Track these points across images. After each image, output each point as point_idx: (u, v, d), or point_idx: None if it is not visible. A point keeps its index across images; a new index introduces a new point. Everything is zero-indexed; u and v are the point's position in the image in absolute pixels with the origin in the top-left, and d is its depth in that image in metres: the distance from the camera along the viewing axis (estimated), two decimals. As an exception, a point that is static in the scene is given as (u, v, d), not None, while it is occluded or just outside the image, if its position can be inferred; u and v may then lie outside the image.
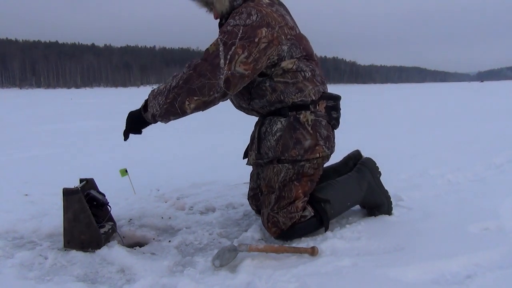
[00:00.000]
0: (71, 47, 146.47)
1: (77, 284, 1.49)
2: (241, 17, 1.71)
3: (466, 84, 69.84)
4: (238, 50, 1.67)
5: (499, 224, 1.88)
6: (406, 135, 5.28)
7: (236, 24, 1.70)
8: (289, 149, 1.81)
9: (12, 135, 6.15)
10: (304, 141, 1.82)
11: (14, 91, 63.94)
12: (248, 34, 1.68)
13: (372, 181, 2.03)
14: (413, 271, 1.47)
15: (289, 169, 1.84)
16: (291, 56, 1.80)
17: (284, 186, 1.85)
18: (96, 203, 1.89)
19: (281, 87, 1.82)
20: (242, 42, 1.67)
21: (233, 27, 1.70)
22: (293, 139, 1.81)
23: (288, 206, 1.83)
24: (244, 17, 1.71)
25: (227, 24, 1.73)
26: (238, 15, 1.72)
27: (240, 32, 1.69)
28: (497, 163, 3.25)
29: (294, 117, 1.83)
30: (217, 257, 1.58)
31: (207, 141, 5.08)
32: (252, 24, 1.70)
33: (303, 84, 1.83)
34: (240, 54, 1.67)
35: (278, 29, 1.74)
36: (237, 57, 1.67)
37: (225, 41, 1.68)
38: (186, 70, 1.70)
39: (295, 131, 1.82)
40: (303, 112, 1.84)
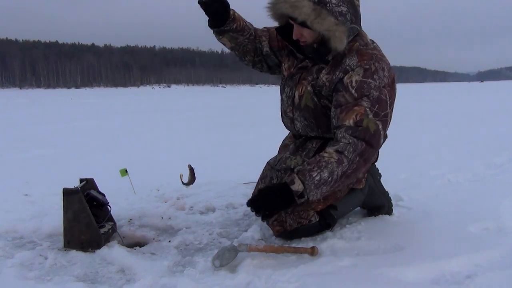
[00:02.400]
0: (71, 47, 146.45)
1: (77, 284, 1.49)
2: (380, 76, 1.61)
3: (466, 84, 69.82)
4: (389, 121, 1.66)
5: (499, 224, 1.88)
6: (406, 135, 5.28)
7: (380, 87, 1.60)
8: None
9: (12, 135, 6.15)
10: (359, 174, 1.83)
11: (14, 91, 63.95)
12: (392, 98, 1.64)
13: (373, 183, 2.03)
14: (413, 271, 1.47)
15: None
16: None
17: None
18: (96, 203, 1.89)
19: None
20: (391, 112, 1.65)
21: (379, 91, 1.60)
22: None
23: (301, 212, 1.82)
24: (382, 76, 1.62)
25: (367, 86, 1.59)
26: (375, 73, 1.61)
27: (387, 97, 1.62)
28: (497, 163, 3.25)
29: None
30: (217, 257, 1.58)
31: (207, 141, 5.08)
32: (389, 82, 1.63)
33: None
34: (390, 121, 1.66)
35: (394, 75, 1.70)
36: (387, 128, 1.66)
37: (377, 112, 1.58)
38: (352, 157, 1.55)
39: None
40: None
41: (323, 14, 1.55)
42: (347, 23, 1.60)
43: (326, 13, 1.55)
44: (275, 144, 2.21)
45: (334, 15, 1.56)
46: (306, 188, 1.55)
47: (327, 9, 1.56)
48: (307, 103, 1.77)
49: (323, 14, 1.55)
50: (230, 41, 1.91)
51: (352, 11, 1.61)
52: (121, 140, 5.47)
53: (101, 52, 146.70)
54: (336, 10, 1.57)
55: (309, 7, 1.54)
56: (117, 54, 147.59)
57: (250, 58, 2.00)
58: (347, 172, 1.56)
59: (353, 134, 1.57)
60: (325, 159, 1.56)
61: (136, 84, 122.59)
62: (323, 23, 1.55)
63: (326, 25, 1.56)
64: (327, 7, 1.56)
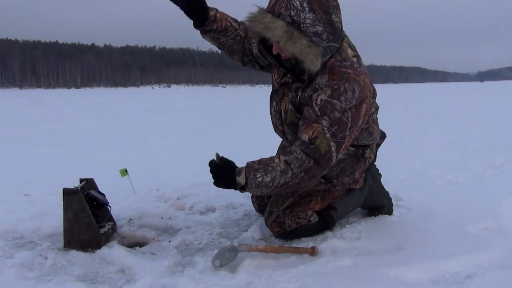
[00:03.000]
0: (71, 47, 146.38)
1: (77, 284, 1.49)
2: (347, 98, 1.56)
3: (466, 84, 69.83)
4: (348, 142, 1.62)
5: (499, 224, 1.88)
6: (406, 135, 5.28)
7: (344, 109, 1.56)
8: (344, 175, 1.85)
9: (12, 135, 6.15)
10: (356, 173, 1.88)
11: (14, 91, 63.96)
12: (355, 120, 1.59)
13: (373, 184, 2.04)
14: (413, 271, 1.47)
15: (322, 183, 1.87)
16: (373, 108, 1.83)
17: (307, 195, 1.86)
18: (96, 203, 1.89)
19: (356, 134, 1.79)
20: (350, 134, 1.60)
21: (342, 113, 1.56)
22: (352, 168, 1.86)
23: (299, 212, 1.83)
24: (349, 97, 1.56)
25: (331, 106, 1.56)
26: (343, 95, 1.56)
27: (349, 120, 1.57)
28: (497, 163, 3.25)
29: (362, 151, 1.88)
30: (217, 257, 1.58)
31: (207, 141, 5.08)
32: (356, 103, 1.58)
33: (372, 128, 1.87)
34: (347, 143, 1.63)
35: (369, 95, 1.65)
36: (344, 147, 1.63)
37: (334, 133, 1.56)
38: (297, 171, 1.57)
39: (358, 162, 1.87)
40: (368, 149, 1.90)
41: (294, 37, 1.51)
42: (322, 43, 1.55)
43: (299, 35, 1.51)
44: (274, 144, 2.22)
45: (308, 36, 1.52)
46: (247, 184, 1.61)
47: (301, 30, 1.51)
48: (292, 120, 1.77)
49: (294, 37, 1.51)
50: (213, 40, 1.93)
51: (330, 29, 1.55)
52: (121, 140, 5.46)
53: (101, 52, 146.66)
54: (310, 31, 1.52)
55: (282, 29, 1.50)
56: (117, 54, 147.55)
57: (239, 57, 2.02)
58: (288, 183, 1.59)
59: (305, 150, 1.57)
60: (273, 165, 1.59)
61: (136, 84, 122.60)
62: (294, 46, 1.52)
63: (298, 48, 1.52)
64: (301, 27, 1.51)
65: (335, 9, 1.57)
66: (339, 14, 1.60)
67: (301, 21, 1.50)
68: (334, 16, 1.56)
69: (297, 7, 1.49)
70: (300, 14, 1.49)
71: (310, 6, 1.50)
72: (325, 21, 1.53)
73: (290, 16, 1.49)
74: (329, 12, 1.54)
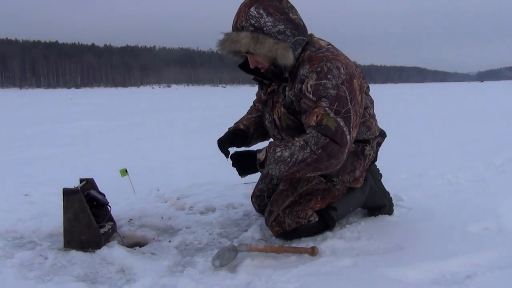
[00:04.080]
0: (71, 47, 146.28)
1: (77, 284, 1.49)
2: (334, 75, 1.61)
3: (466, 84, 69.84)
4: (354, 117, 1.63)
5: (499, 224, 1.88)
6: (406, 135, 5.28)
7: (336, 85, 1.60)
8: (344, 173, 1.85)
9: (12, 135, 6.15)
10: (357, 171, 1.88)
11: (14, 91, 63.97)
12: (352, 94, 1.62)
13: (374, 184, 2.04)
14: (413, 271, 1.47)
15: (322, 182, 1.86)
16: (366, 92, 1.82)
17: (306, 194, 1.85)
18: (96, 203, 1.89)
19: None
20: (353, 108, 1.62)
21: (336, 89, 1.60)
22: (352, 165, 1.86)
23: (299, 212, 1.83)
24: (336, 74, 1.61)
25: (323, 87, 1.61)
26: (329, 73, 1.61)
27: (346, 93, 1.61)
28: (497, 163, 3.25)
29: (362, 147, 1.88)
30: (217, 257, 1.58)
31: (207, 141, 5.07)
32: (347, 79, 1.62)
33: (370, 122, 1.87)
34: (355, 120, 1.64)
35: (357, 74, 1.69)
36: (354, 124, 1.64)
37: (337, 109, 1.59)
38: (315, 148, 1.57)
39: (358, 160, 1.87)
40: (368, 145, 1.89)
41: (260, 39, 1.63)
42: (289, 39, 1.66)
43: (264, 37, 1.63)
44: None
45: (273, 36, 1.64)
46: (266, 159, 1.63)
47: (265, 33, 1.63)
48: (287, 123, 1.81)
49: (261, 40, 1.63)
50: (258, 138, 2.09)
51: (291, 26, 1.67)
52: (121, 140, 5.47)
53: (101, 52, 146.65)
54: (274, 31, 1.64)
55: (248, 37, 1.63)
56: (117, 54, 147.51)
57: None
58: (307, 160, 1.58)
59: (317, 130, 1.60)
60: (292, 141, 1.62)
61: (136, 84, 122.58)
62: (263, 47, 1.63)
63: (266, 47, 1.63)
64: (264, 31, 1.63)
65: (291, 8, 1.70)
66: (296, 12, 1.72)
67: (262, 26, 1.64)
68: (291, 14, 1.69)
69: (255, 16, 1.63)
70: (260, 20, 1.63)
71: (267, 11, 1.64)
72: (284, 20, 1.66)
73: (251, 25, 1.64)
74: (285, 12, 1.67)
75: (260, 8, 1.63)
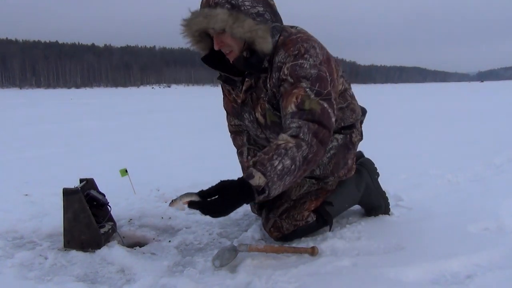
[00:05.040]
0: (71, 47, 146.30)
1: (77, 284, 1.48)
2: (311, 54, 1.51)
3: (466, 84, 69.85)
4: (334, 101, 1.53)
5: (499, 224, 1.88)
6: (406, 135, 5.28)
7: (315, 65, 1.50)
8: (339, 169, 1.81)
9: (12, 135, 6.15)
10: (349, 161, 1.84)
11: (14, 91, 63.95)
12: (332, 75, 1.54)
13: (370, 182, 2.03)
14: (413, 271, 1.47)
15: (313, 184, 1.84)
16: (341, 76, 1.71)
17: (300, 198, 1.84)
18: (96, 203, 1.89)
19: (339, 114, 1.74)
20: (332, 89, 1.52)
21: (317, 69, 1.49)
22: (344, 159, 1.82)
23: (295, 215, 1.82)
24: (313, 53, 1.51)
25: (300, 68, 1.49)
26: (306, 53, 1.51)
27: (327, 74, 1.51)
28: (497, 163, 3.25)
29: (349, 136, 1.81)
30: (217, 257, 1.58)
31: (207, 141, 5.08)
32: (324, 58, 1.53)
33: (353, 104, 1.81)
34: (334, 102, 1.53)
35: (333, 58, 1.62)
36: (335, 104, 1.54)
37: (319, 91, 1.47)
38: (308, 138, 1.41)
39: (348, 152, 1.82)
40: (355, 131, 1.84)
41: (240, 17, 1.46)
42: (268, 23, 1.53)
43: (244, 16, 1.47)
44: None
45: (252, 16, 1.49)
46: (268, 181, 1.35)
47: (243, 12, 1.47)
48: (272, 119, 1.66)
49: (241, 17, 1.46)
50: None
51: (270, 10, 1.55)
52: (121, 140, 5.46)
53: (101, 52, 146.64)
54: (252, 12, 1.49)
55: (225, 13, 1.45)
56: (117, 54, 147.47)
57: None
58: (308, 157, 1.40)
59: (301, 117, 1.43)
60: (283, 145, 1.39)
61: (136, 84, 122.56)
62: (243, 25, 1.46)
63: (247, 27, 1.46)
64: (242, 10, 1.47)
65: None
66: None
67: (240, 4, 1.47)
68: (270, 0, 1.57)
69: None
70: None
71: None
72: (264, 3, 1.53)
73: (228, 2, 1.46)
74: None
75: None
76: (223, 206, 1.35)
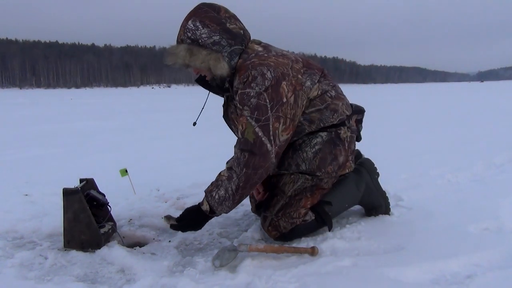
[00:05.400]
0: (71, 47, 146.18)
1: (77, 284, 1.49)
2: (257, 83, 1.63)
3: (466, 84, 69.88)
4: (276, 124, 1.63)
5: (499, 224, 1.88)
6: (406, 135, 5.28)
7: (258, 93, 1.62)
8: (326, 164, 1.81)
9: (12, 135, 6.15)
10: (339, 157, 1.84)
11: (14, 91, 63.97)
12: (276, 99, 1.63)
13: (370, 182, 2.03)
14: (413, 271, 1.47)
15: (308, 180, 1.84)
16: (314, 83, 1.78)
17: (295, 195, 1.84)
18: (96, 203, 1.89)
19: (317, 115, 1.79)
20: (274, 114, 1.63)
21: (257, 98, 1.62)
22: (332, 154, 1.82)
23: (292, 212, 1.83)
24: (260, 81, 1.63)
25: (247, 96, 1.64)
26: (254, 81, 1.63)
27: (267, 101, 1.62)
28: (497, 163, 3.25)
29: (335, 133, 1.83)
30: (217, 257, 1.58)
31: (207, 141, 5.08)
32: (272, 84, 1.63)
33: (334, 104, 1.83)
34: (279, 126, 1.64)
35: (292, 73, 1.69)
36: (277, 131, 1.64)
37: (257, 118, 1.62)
38: (239, 170, 1.64)
39: (335, 147, 1.83)
40: (343, 128, 1.85)
41: (195, 51, 1.68)
42: (225, 48, 1.70)
43: (198, 49, 1.68)
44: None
45: (207, 47, 1.69)
46: (211, 207, 1.72)
47: (200, 44, 1.69)
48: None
49: (195, 51, 1.68)
50: None
51: (228, 36, 1.70)
52: (121, 140, 5.47)
53: (101, 52, 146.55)
54: (208, 42, 1.68)
55: (184, 50, 1.69)
56: (117, 54, 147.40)
57: None
58: (240, 185, 1.65)
59: (239, 146, 1.66)
60: (220, 177, 1.71)
61: (136, 84, 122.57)
62: (197, 58, 1.69)
63: (200, 59, 1.69)
64: (199, 43, 1.69)
65: (229, 19, 1.73)
66: (235, 22, 1.75)
67: (198, 38, 1.69)
68: (229, 25, 1.72)
69: (191, 29, 1.69)
70: (196, 32, 1.68)
71: (203, 23, 1.68)
72: (220, 30, 1.69)
73: (188, 37, 1.70)
74: (222, 22, 1.70)
75: (197, 21, 1.69)
76: (192, 225, 1.79)
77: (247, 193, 1.71)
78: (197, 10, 1.72)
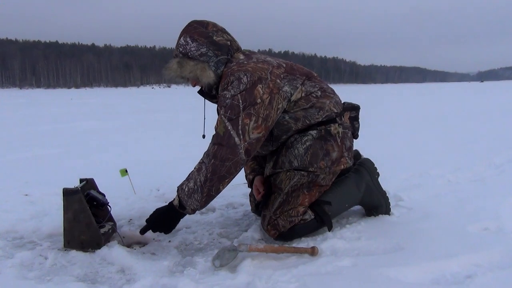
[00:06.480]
0: (71, 47, 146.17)
1: (77, 284, 1.49)
2: (233, 86, 1.75)
3: (466, 84, 69.89)
4: (246, 120, 1.71)
5: (499, 224, 1.88)
6: (406, 135, 5.28)
7: (233, 95, 1.73)
8: (318, 159, 1.83)
9: (12, 135, 6.15)
10: (332, 153, 1.86)
11: (14, 91, 63.96)
12: (249, 100, 1.72)
13: (370, 182, 2.03)
14: (413, 271, 1.47)
15: (303, 176, 1.85)
16: (295, 87, 1.83)
17: (293, 191, 1.85)
18: (96, 203, 1.89)
19: (301, 113, 1.84)
20: (246, 111, 1.71)
21: (231, 99, 1.73)
22: (323, 150, 1.84)
23: (290, 210, 1.83)
24: (236, 85, 1.74)
25: (223, 98, 1.76)
26: (230, 85, 1.76)
27: (240, 102, 1.72)
28: (497, 163, 3.25)
29: (325, 130, 1.87)
30: (217, 257, 1.58)
31: (207, 141, 5.08)
32: (246, 87, 1.73)
33: (320, 103, 1.87)
34: (249, 123, 1.71)
35: (270, 77, 1.77)
36: (247, 127, 1.71)
37: (230, 117, 1.72)
38: (207, 161, 1.73)
39: (326, 142, 1.85)
40: (333, 125, 1.88)
41: (184, 63, 1.85)
42: (212, 59, 1.84)
43: (187, 61, 1.85)
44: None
45: (195, 59, 1.84)
46: (181, 201, 1.78)
47: (189, 57, 1.85)
48: None
49: (184, 63, 1.85)
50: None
51: (214, 47, 1.85)
52: (121, 140, 5.47)
53: (101, 52, 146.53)
54: (196, 54, 1.84)
55: (176, 63, 1.86)
56: (117, 54, 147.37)
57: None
58: (207, 176, 1.72)
59: (212, 141, 1.77)
60: (192, 170, 1.79)
61: (136, 84, 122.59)
62: (185, 69, 1.85)
63: (188, 69, 1.85)
64: (189, 55, 1.85)
65: (216, 32, 1.88)
66: (222, 34, 1.90)
67: (188, 51, 1.85)
68: (215, 37, 1.87)
69: (182, 44, 1.87)
70: (186, 47, 1.85)
71: (192, 38, 1.85)
72: (207, 43, 1.84)
73: (180, 52, 1.87)
74: (209, 36, 1.86)
75: (187, 37, 1.85)
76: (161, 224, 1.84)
77: (217, 189, 1.74)
78: (188, 27, 1.89)
